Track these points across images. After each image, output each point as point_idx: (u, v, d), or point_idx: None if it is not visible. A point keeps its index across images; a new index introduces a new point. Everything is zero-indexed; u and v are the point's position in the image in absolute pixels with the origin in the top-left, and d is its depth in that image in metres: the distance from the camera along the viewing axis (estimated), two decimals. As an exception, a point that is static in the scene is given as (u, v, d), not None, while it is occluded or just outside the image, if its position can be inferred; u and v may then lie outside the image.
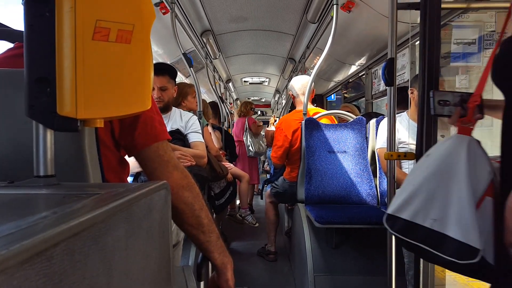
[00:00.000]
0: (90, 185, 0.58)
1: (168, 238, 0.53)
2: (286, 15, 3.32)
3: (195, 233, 0.85)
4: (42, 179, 0.49)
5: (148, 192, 0.45)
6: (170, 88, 2.15)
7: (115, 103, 0.50)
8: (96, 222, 0.32)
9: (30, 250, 0.23)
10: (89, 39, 0.46)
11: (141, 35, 0.51)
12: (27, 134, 0.50)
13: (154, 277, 0.47)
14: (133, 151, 0.80)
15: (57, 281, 0.25)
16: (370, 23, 2.67)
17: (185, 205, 0.82)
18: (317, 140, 2.40)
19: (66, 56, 0.45)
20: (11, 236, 0.24)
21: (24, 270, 0.22)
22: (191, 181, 0.84)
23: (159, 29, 2.97)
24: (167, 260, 0.53)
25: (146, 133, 0.78)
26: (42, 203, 0.42)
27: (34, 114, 0.47)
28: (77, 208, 0.34)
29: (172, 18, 2.60)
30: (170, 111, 2.21)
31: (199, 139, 2.17)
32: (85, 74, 0.46)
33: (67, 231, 0.27)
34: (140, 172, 1.83)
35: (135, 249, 0.40)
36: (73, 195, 0.42)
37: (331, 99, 6.42)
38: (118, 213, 0.36)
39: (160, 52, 3.66)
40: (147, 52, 0.52)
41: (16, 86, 0.61)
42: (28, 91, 0.46)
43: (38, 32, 0.46)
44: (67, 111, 0.46)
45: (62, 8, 0.45)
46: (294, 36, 3.90)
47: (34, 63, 0.46)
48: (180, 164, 0.84)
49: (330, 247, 2.08)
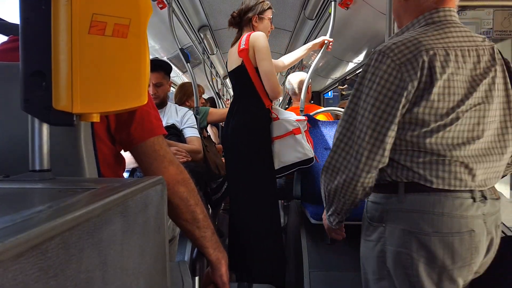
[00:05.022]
0: (86, 180, 0.58)
1: (164, 233, 0.53)
2: (284, 11, 3.30)
3: (190, 228, 0.86)
4: (38, 174, 0.49)
5: (143, 187, 0.45)
6: (165, 84, 2.16)
7: (111, 97, 0.50)
8: (92, 217, 0.32)
9: (25, 244, 0.23)
10: (85, 33, 0.46)
11: (137, 30, 0.50)
12: (23, 128, 0.50)
13: (149, 272, 0.47)
14: (129, 146, 0.80)
15: (52, 274, 0.25)
16: (368, 20, 2.67)
17: (180, 200, 0.82)
18: (314, 136, 2.40)
19: (62, 50, 0.45)
20: (6, 230, 0.24)
21: (19, 263, 0.22)
22: (187, 176, 0.84)
23: (156, 24, 2.96)
24: (163, 255, 0.53)
25: (142, 128, 0.78)
26: (37, 197, 0.41)
27: (30, 108, 0.46)
28: (73, 202, 0.34)
29: (169, 13, 2.59)
30: (166, 106, 2.21)
31: (195, 134, 2.17)
32: (81, 68, 0.46)
33: (62, 225, 0.27)
34: (136, 168, 1.83)
35: (130, 244, 0.40)
36: (68, 190, 0.42)
37: (328, 96, 6.42)
38: (114, 208, 0.36)
39: (157, 47, 3.64)
40: (144, 47, 0.52)
41: (11, 80, 0.60)
42: (23, 85, 0.46)
43: (34, 25, 0.46)
44: (63, 106, 0.46)
45: (58, 2, 0.45)
46: (292, 32, 3.89)
47: (30, 57, 0.46)
48: (175, 159, 0.84)
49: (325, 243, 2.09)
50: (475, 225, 0.90)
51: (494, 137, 0.96)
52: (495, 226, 0.96)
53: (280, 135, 2.00)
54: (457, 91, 0.91)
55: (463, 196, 0.91)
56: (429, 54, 0.89)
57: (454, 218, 0.89)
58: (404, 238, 0.92)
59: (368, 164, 0.92)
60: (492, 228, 0.94)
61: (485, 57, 0.94)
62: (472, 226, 0.89)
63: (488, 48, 0.96)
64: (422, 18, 0.98)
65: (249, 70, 1.95)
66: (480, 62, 0.94)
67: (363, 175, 0.93)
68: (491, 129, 0.95)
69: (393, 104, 0.90)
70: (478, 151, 0.94)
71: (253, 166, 2.02)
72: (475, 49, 0.94)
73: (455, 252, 0.89)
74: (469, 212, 0.90)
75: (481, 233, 0.91)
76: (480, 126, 0.93)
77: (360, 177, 0.94)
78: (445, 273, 0.90)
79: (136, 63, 0.51)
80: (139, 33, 0.51)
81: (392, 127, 0.90)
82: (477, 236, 0.90)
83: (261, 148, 2.01)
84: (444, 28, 0.94)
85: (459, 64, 0.91)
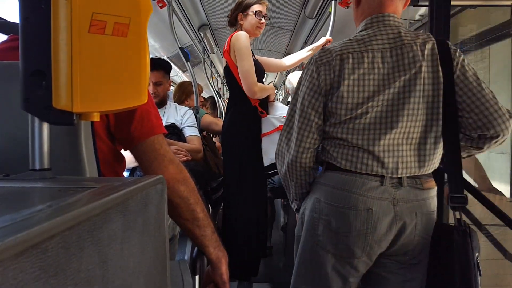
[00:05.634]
0: (86, 179, 0.58)
1: (164, 232, 0.53)
2: (284, 10, 3.30)
3: (191, 227, 0.86)
4: (38, 173, 0.49)
5: (144, 186, 0.45)
6: (165, 82, 2.17)
7: (111, 96, 0.50)
8: (92, 216, 0.32)
9: (25, 243, 0.23)
10: (85, 32, 0.46)
11: (137, 29, 0.50)
12: (23, 128, 0.50)
13: (149, 271, 0.47)
14: (129, 145, 0.80)
15: (52, 273, 0.25)
16: (368, 19, 2.66)
17: (180, 199, 0.82)
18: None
19: (62, 49, 0.45)
20: (6, 229, 0.24)
21: (19, 262, 0.22)
22: (187, 175, 0.84)
23: (156, 23, 2.95)
24: (163, 254, 0.53)
25: (142, 127, 0.78)
26: (37, 197, 0.41)
27: (30, 107, 0.46)
28: (73, 201, 0.34)
29: (169, 12, 2.59)
30: (166, 105, 2.21)
31: (194, 133, 2.17)
32: (81, 68, 0.46)
33: (62, 224, 0.27)
34: (136, 167, 1.83)
35: (130, 243, 0.40)
36: (68, 189, 0.42)
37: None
38: (114, 207, 0.36)
39: (157, 46, 3.64)
40: (144, 46, 0.52)
41: (11, 79, 0.60)
42: (23, 84, 0.46)
43: (34, 25, 0.45)
44: (63, 105, 0.46)
45: (58, 1, 0.45)
46: (292, 31, 3.88)
47: (30, 56, 0.46)
48: (176, 158, 0.84)
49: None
50: (375, 205, 1.03)
51: (415, 129, 1.05)
52: (414, 213, 1.05)
53: (268, 132, 2.04)
54: (367, 89, 1.05)
55: (368, 178, 1.05)
56: (342, 58, 1.06)
57: (353, 195, 1.04)
58: (315, 205, 1.12)
59: (302, 146, 1.12)
60: (405, 214, 1.04)
61: (410, 53, 1.04)
62: (371, 206, 1.03)
63: (419, 45, 1.05)
64: (363, 24, 1.14)
65: (232, 70, 2.00)
66: (403, 59, 1.04)
67: (299, 156, 1.13)
68: (411, 121, 1.04)
69: (315, 98, 1.10)
70: (390, 141, 1.05)
71: (242, 163, 2.06)
72: (400, 47, 1.05)
73: (350, 223, 1.04)
74: (371, 193, 1.04)
75: (382, 214, 1.03)
76: (392, 119, 1.04)
77: (297, 157, 1.14)
78: (339, 237, 1.07)
79: (136, 62, 0.51)
80: (139, 32, 0.51)
81: (316, 117, 1.10)
82: (376, 214, 1.03)
83: (249, 146, 2.06)
84: (371, 33, 1.09)
85: (375, 64, 1.05)
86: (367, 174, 1.05)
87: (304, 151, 1.12)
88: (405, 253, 1.08)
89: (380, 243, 1.06)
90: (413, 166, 1.05)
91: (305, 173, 1.17)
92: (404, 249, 1.08)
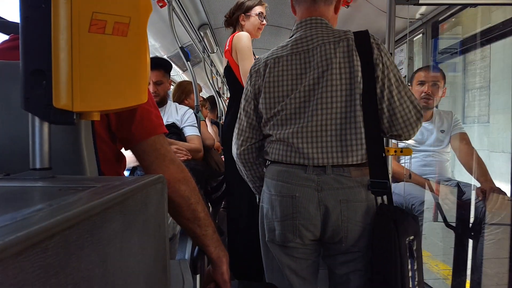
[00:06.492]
0: (86, 178, 0.58)
1: (164, 232, 0.53)
2: (285, 9, 3.29)
3: (191, 227, 0.86)
4: (38, 172, 0.49)
5: (144, 185, 0.45)
6: (165, 82, 2.17)
7: (112, 96, 0.50)
8: (92, 215, 0.32)
9: (25, 242, 0.23)
10: (85, 31, 0.46)
11: (137, 28, 0.50)
12: (23, 127, 0.50)
13: (150, 270, 0.47)
14: (130, 145, 0.80)
15: (52, 273, 0.25)
16: (368, 18, 2.66)
17: (181, 199, 0.82)
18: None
19: (62, 49, 0.45)
20: (6, 228, 0.24)
21: (19, 261, 0.22)
22: (188, 175, 0.84)
23: (156, 22, 2.95)
24: (163, 254, 0.53)
25: (143, 127, 0.78)
26: (37, 196, 0.41)
27: (30, 106, 0.46)
28: (73, 200, 0.34)
29: (169, 11, 2.58)
30: (166, 105, 2.21)
31: (195, 132, 2.17)
32: (81, 67, 0.46)
33: (62, 223, 0.27)
34: (137, 166, 1.83)
35: (130, 242, 0.40)
36: (69, 188, 0.42)
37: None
38: (114, 206, 0.36)
39: (157, 46, 3.63)
40: (144, 45, 0.52)
41: (11, 78, 0.60)
42: (24, 83, 0.46)
43: (34, 24, 0.45)
44: (63, 104, 0.46)
45: (58, 0, 0.45)
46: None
47: (30, 56, 0.46)
48: (176, 157, 0.84)
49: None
50: (299, 191, 1.11)
51: (332, 121, 1.11)
52: (338, 199, 1.09)
53: None
54: (282, 88, 1.17)
55: (294, 167, 1.13)
56: (266, 64, 1.20)
57: (280, 183, 1.14)
58: (263, 196, 1.23)
59: (240, 140, 1.28)
60: (328, 200, 1.09)
61: (322, 52, 1.12)
62: (295, 192, 1.11)
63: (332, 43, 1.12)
64: (294, 29, 1.24)
65: (234, 69, 2.02)
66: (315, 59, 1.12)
67: (238, 149, 1.29)
68: (327, 114, 1.11)
69: (248, 102, 1.26)
70: (308, 134, 1.12)
71: None
72: (312, 49, 1.14)
73: (278, 209, 1.14)
74: (295, 181, 1.12)
75: (306, 199, 1.10)
76: (307, 113, 1.12)
77: (238, 154, 1.29)
78: (272, 223, 1.17)
79: (136, 61, 0.51)
80: (139, 31, 0.51)
81: (247, 117, 1.26)
82: (300, 200, 1.11)
83: None
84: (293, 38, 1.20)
85: (289, 66, 1.17)
86: (292, 164, 1.14)
87: (242, 144, 1.28)
88: (340, 241, 1.11)
89: (307, 226, 1.11)
90: (336, 156, 1.10)
91: (250, 168, 1.31)
92: (337, 236, 1.11)
